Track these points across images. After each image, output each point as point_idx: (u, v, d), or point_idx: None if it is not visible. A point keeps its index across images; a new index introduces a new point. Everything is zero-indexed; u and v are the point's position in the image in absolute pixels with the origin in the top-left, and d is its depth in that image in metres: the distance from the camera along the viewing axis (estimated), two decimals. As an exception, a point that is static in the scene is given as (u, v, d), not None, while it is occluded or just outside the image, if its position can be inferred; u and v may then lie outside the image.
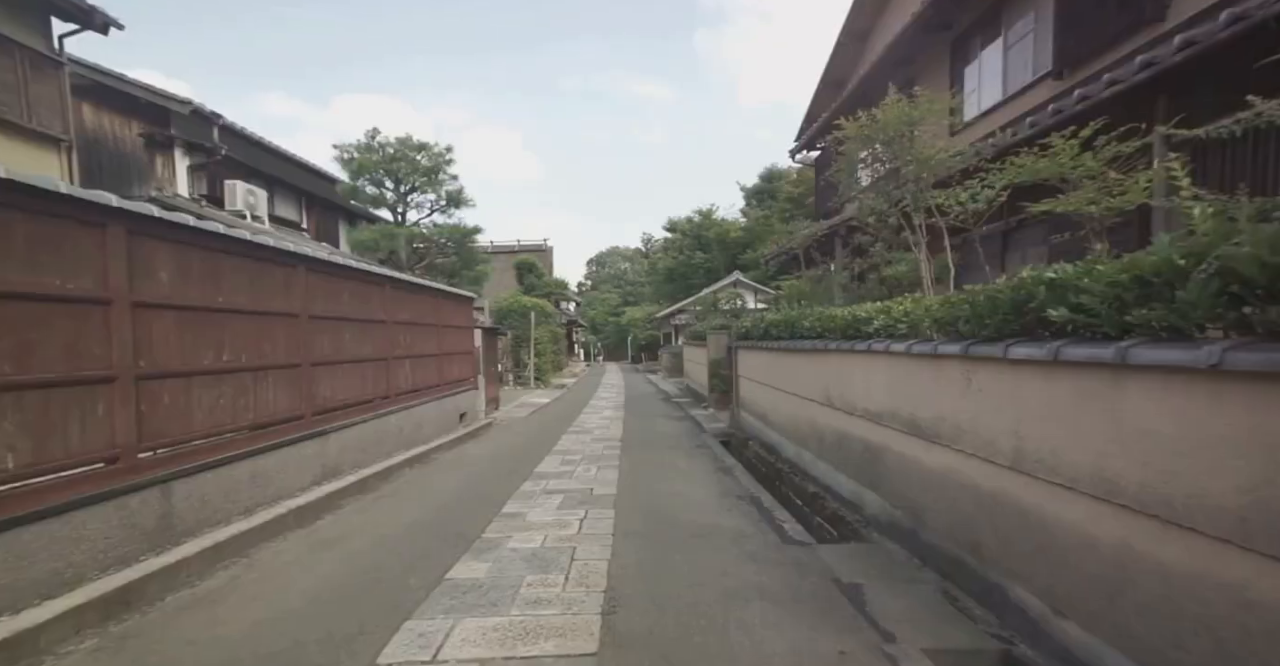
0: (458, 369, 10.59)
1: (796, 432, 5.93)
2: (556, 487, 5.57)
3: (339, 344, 6.27)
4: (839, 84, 12.99)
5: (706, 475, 6.09)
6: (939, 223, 4.70)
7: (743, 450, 8.13)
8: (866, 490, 4.07)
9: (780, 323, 6.38)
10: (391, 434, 7.41)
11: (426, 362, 9.00)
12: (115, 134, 11.36)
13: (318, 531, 4.25)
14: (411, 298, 8.46)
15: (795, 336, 5.87)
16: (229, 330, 4.53)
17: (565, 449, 7.90)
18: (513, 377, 19.67)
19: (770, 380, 7.05)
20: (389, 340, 7.56)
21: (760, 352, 7.54)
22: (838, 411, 4.65)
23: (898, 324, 3.59)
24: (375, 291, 7.26)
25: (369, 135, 13.01)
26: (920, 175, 4.83)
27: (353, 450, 6.36)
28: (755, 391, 8.02)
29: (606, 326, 51.85)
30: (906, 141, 4.87)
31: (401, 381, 7.94)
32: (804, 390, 5.60)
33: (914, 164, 4.83)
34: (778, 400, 6.69)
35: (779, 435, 6.64)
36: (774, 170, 32.41)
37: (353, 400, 6.52)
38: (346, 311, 6.48)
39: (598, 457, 7.15)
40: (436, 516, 4.59)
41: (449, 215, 14.40)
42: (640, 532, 4.08)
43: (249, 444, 4.64)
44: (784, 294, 8.10)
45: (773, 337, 6.76)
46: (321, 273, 5.97)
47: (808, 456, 5.54)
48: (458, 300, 10.94)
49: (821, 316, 5.02)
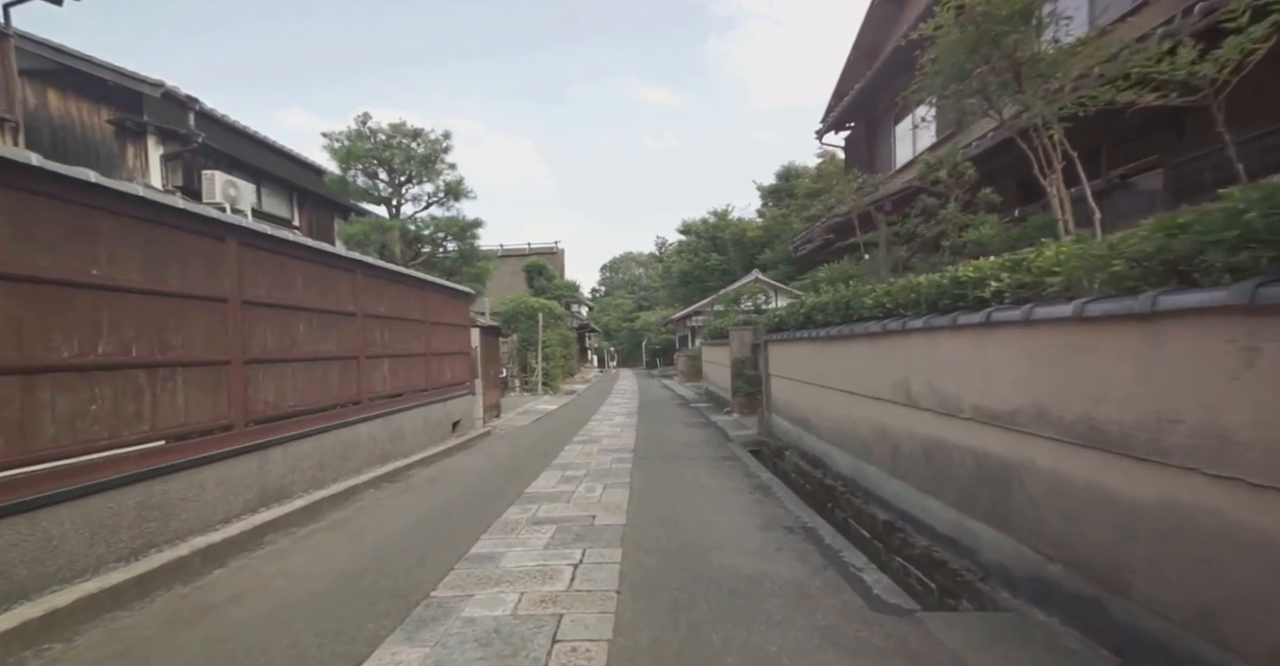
0: (450, 371, 9.49)
1: (853, 440, 4.69)
2: (549, 515, 4.38)
3: (288, 338, 5.17)
4: (872, 53, 11.76)
5: (740, 496, 4.86)
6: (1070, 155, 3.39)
7: (777, 461, 6.87)
8: (981, 525, 2.82)
9: (826, 306, 5.15)
10: (362, 446, 6.29)
11: (411, 364, 7.90)
12: (83, 121, 10.53)
13: (205, 588, 3.07)
14: (391, 288, 7.37)
15: (849, 320, 4.64)
16: (111, 313, 3.44)
17: (567, 462, 6.71)
18: (519, 383, 18.58)
19: (813, 376, 5.80)
20: (360, 336, 6.46)
21: (799, 345, 6.31)
22: (924, 412, 3.41)
23: (1044, 280, 2.36)
24: (342, 278, 6.17)
25: (359, 121, 12.05)
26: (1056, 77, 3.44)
27: (307, 467, 5.24)
28: (792, 391, 6.77)
29: (620, 332, 50.76)
30: (1031, 30, 3.50)
31: (377, 384, 6.83)
32: (864, 386, 4.36)
33: (1045, 63, 3.43)
34: (824, 400, 5.45)
35: (826, 443, 5.39)
36: (791, 168, 31.38)
37: (308, 406, 5.41)
38: (300, 299, 5.39)
39: (604, 473, 5.95)
40: (377, 560, 3.41)
41: (448, 208, 13.37)
42: (657, 587, 2.87)
43: (139, 464, 3.52)
44: (823, 277, 6.86)
45: (816, 325, 5.53)
46: (263, 249, 4.89)
47: (872, 472, 4.29)
48: (451, 295, 9.86)
49: (894, 289, 3.79)
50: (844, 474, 4.87)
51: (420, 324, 8.31)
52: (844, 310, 4.76)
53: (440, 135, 12.51)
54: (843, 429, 4.93)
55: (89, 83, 10.22)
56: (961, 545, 2.98)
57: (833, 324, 5.04)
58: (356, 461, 6.13)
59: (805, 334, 5.87)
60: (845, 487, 4.73)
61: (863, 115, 12.45)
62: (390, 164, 12.34)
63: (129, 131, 10.56)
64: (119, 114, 10.40)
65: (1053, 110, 3.40)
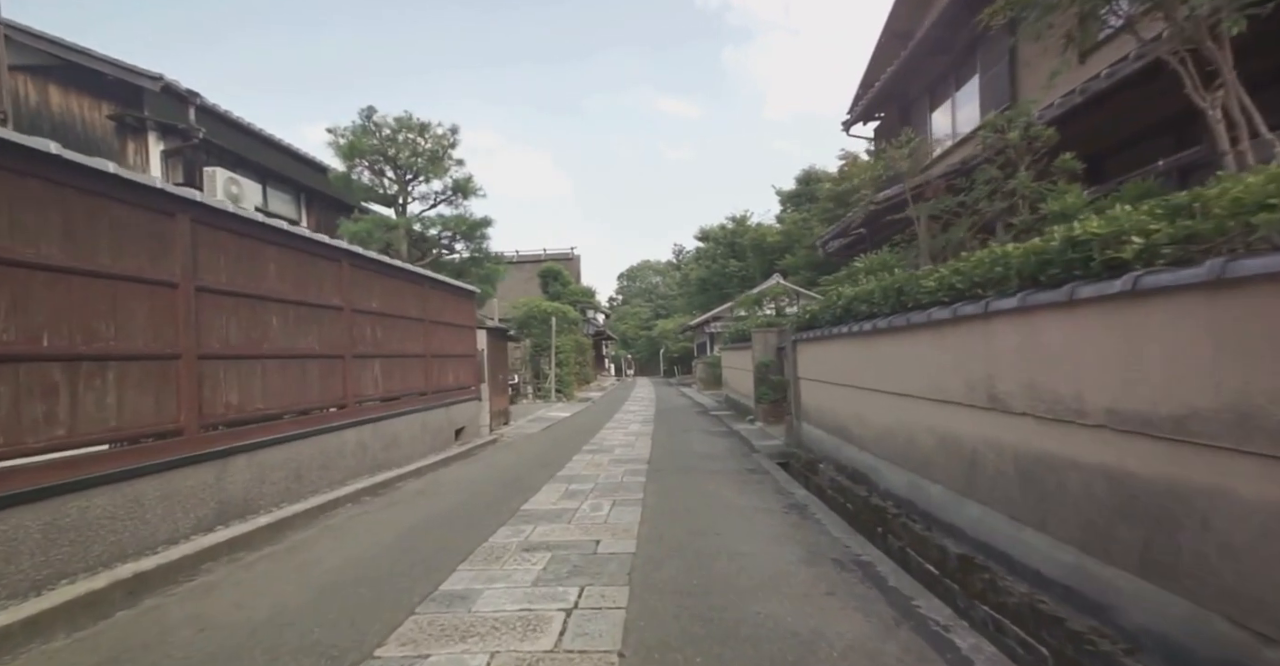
0: (454, 375, 8.89)
1: (908, 452, 3.92)
2: (545, 539, 3.68)
3: (258, 332, 4.59)
4: (906, 35, 11.00)
5: (772, 518, 4.11)
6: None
7: (810, 475, 6.09)
8: (1124, 575, 2.06)
9: (872, 294, 4.40)
10: (349, 454, 5.67)
11: (408, 365, 7.30)
12: (84, 117, 10.26)
13: (86, 642, 2.40)
14: (385, 282, 6.80)
15: (902, 309, 3.90)
16: (10, 292, 2.86)
17: (574, 474, 6.01)
18: (531, 390, 17.97)
19: (854, 378, 5.04)
20: (348, 333, 5.88)
21: (835, 343, 5.55)
22: (1018, 418, 2.65)
23: (1227, 226, 1.61)
24: (326, 269, 5.60)
25: (364, 115, 11.61)
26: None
27: (279, 478, 4.63)
28: (826, 396, 6.00)
29: (638, 340, 50.11)
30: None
31: (367, 387, 6.23)
32: (925, 386, 3.61)
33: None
34: (868, 405, 4.69)
35: (872, 456, 4.61)
36: (812, 172, 30.82)
37: (282, 409, 4.81)
38: (274, 289, 4.81)
39: (614, 488, 5.24)
40: (320, 600, 2.72)
41: (456, 206, 12.87)
42: (675, 649, 2.15)
43: (45, 477, 2.92)
44: (860, 267, 6.11)
45: (858, 317, 4.78)
46: (226, 230, 4.32)
47: (935, 492, 3.52)
48: (455, 293, 9.29)
49: (967, 265, 3.04)
50: (896, 493, 4.09)
51: (419, 323, 7.73)
52: (895, 298, 4.00)
53: (448, 130, 12.03)
54: (894, 439, 4.15)
55: (89, 77, 9.95)
56: (1087, 599, 2.21)
57: (880, 315, 4.29)
58: (342, 471, 5.52)
59: (844, 329, 5.11)
60: (898, 509, 3.95)
61: (895, 102, 11.68)
62: (396, 160, 11.88)
63: (129, 127, 10.26)
64: (119, 109, 10.11)
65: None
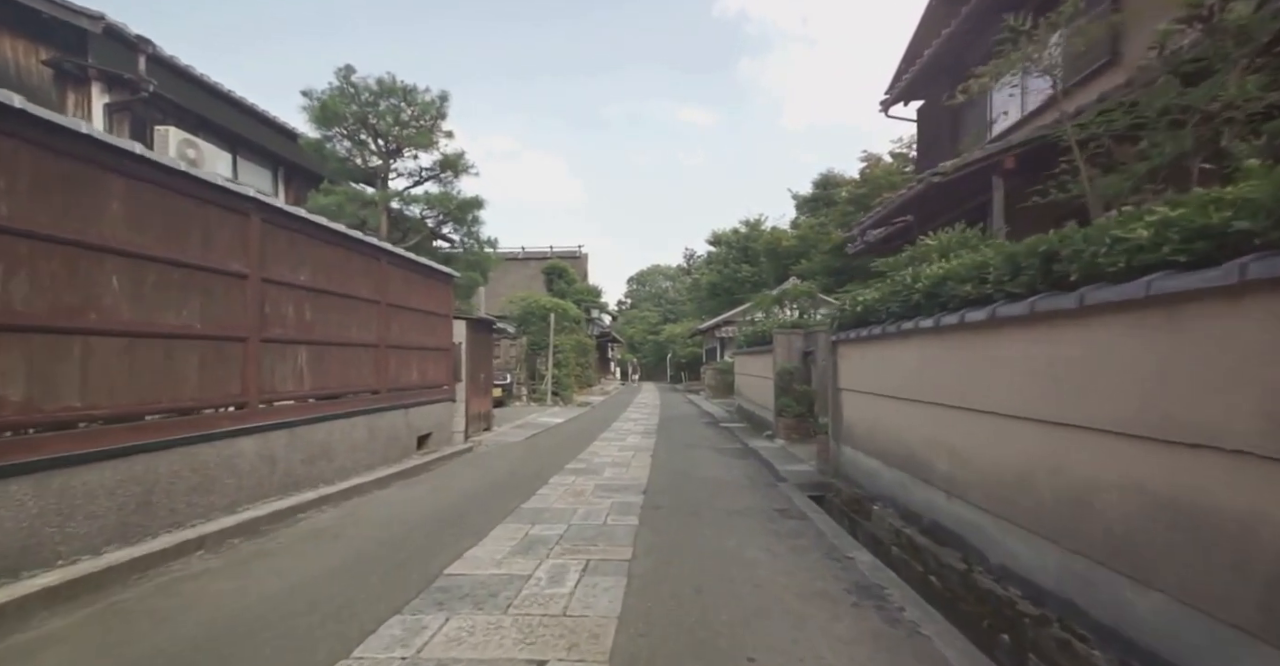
0: (420, 370, 7.46)
1: (1069, 519, 2.42)
2: (452, 655, 2.19)
3: (78, 297, 3.16)
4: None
5: (839, 617, 2.58)
6: None
7: (858, 518, 4.57)
8: None
9: (987, 266, 2.90)
10: (245, 472, 4.23)
11: (354, 357, 5.88)
12: (19, 63, 9.00)
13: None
14: (323, 251, 5.38)
15: (1051, 285, 2.41)
16: None
17: (543, 507, 4.52)
18: (526, 392, 16.52)
19: (939, 391, 3.54)
20: (255, 310, 4.46)
21: (906, 343, 4.06)
22: None
23: None
24: (220, 221, 4.18)
25: (341, 75, 10.23)
26: None
27: (102, 511, 3.18)
28: (886, 414, 4.49)
29: (645, 344, 48.70)
30: None
31: (285, 381, 4.81)
32: (1126, 414, 2.11)
33: None
34: (966, 433, 3.19)
35: (975, 510, 3.09)
36: (830, 176, 29.71)
37: (122, 411, 3.37)
38: (116, 238, 3.38)
39: (593, 536, 3.74)
40: None
41: (446, 185, 11.47)
42: None
43: None
44: (933, 243, 4.61)
45: (953, 306, 3.28)
46: (21, 140, 2.90)
47: (1150, 605, 2.00)
48: (427, 275, 7.87)
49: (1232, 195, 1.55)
50: (1035, 580, 2.55)
51: (373, 305, 6.31)
52: (1041, 268, 2.49)
53: (436, 96, 10.63)
54: (1029, 491, 2.63)
55: (24, 15, 8.68)
56: None
57: (1003, 298, 2.78)
58: (230, 494, 4.07)
59: (922, 324, 3.61)
60: (1042, 609, 2.42)
61: (948, 75, 10.15)
62: (377, 129, 10.51)
63: (70, 76, 8.95)
64: (58, 54, 8.84)
65: None
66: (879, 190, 20.50)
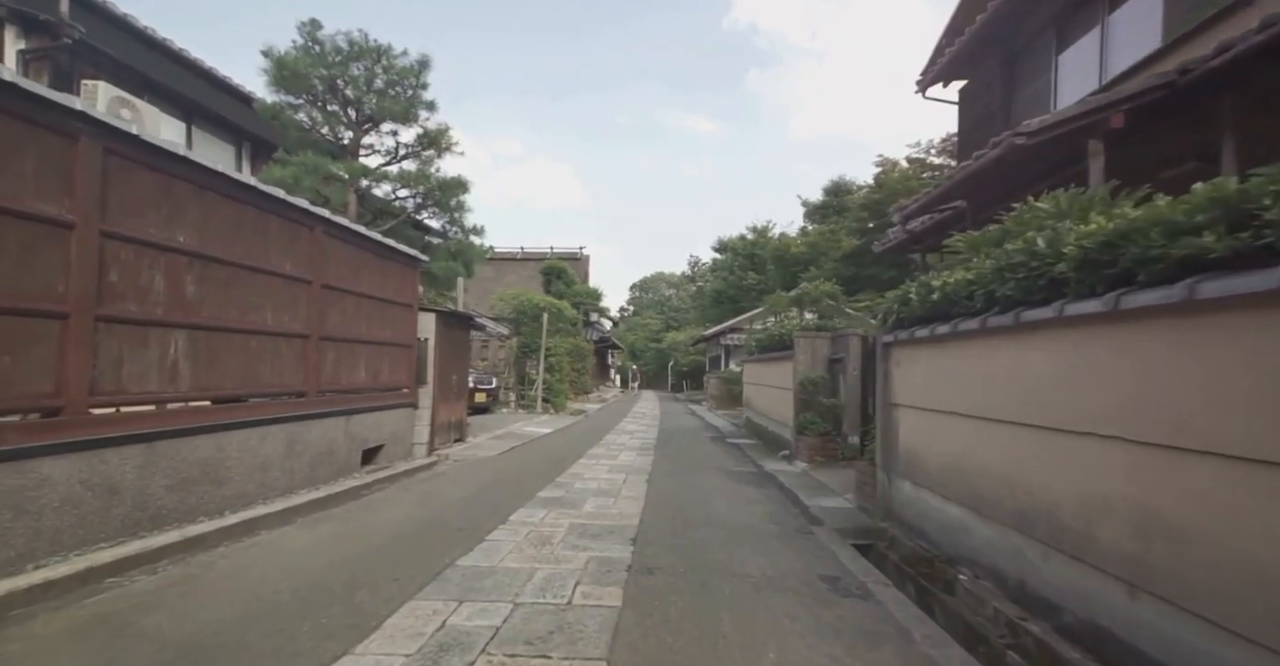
0: (369, 370, 6.13)
1: None
2: None
3: None
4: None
5: None
6: None
7: (931, 588, 3.20)
8: None
9: (1218, 203, 1.56)
10: (42, 512, 2.88)
11: (268, 349, 4.56)
12: (-76, 3, 7.80)
13: None
14: (222, 207, 4.07)
15: None
16: None
17: (488, 567, 3.17)
18: (514, 398, 15.15)
19: (1109, 421, 2.20)
20: (87, 272, 3.14)
21: (993, 344, 2.74)
22: None
23: None
24: (37, 140, 2.88)
25: (306, 32, 8.96)
26: None
27: None
28: (982, 448, 3.15)
29: (646, 352, 47.38)
30: None
31: (143, 379, 3.47)
32: None
33: None
34: (1179, 492, 1.84)
35: (1208, 630, 1.72)
36: (841, 183, 28.68)
37: None
38: None
39: (547, 632, 2.38)
40: None
41: (426, 163, 10.18)
42: None
43: None
44: (1022, 215, 3.23)
45: (1091, 291, 1.95)
46: None
47: None
48: (382, 254, 6.56)
49: None
50: None
51: (301, 285, 5.00)
52: None
53: (414, 62, 9.36)
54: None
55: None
56: None
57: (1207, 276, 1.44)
58: (23, 539, 2.72)
59: (1073, 311, 2.27)
60: None
61: (996, 49, 8.88)
62: (346, 96, 9.23)
63: (-17, 18, 7.76)
64: (-32, -9, 7.62)
65: None
66: (895, 196, 19.36)
